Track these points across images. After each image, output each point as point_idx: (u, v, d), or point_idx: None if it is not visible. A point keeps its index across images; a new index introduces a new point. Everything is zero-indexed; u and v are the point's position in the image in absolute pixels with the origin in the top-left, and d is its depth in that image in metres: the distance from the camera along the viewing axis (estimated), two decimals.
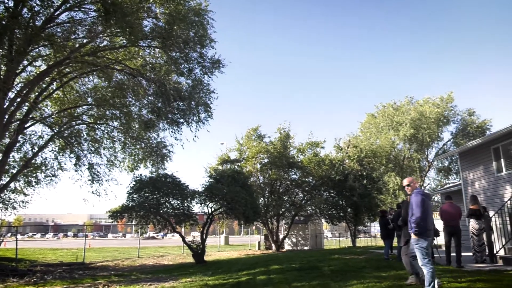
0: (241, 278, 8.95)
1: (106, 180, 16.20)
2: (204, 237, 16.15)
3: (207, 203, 16.25)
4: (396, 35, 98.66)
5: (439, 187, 31.70)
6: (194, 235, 37.60)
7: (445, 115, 32.02)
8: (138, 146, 16.04)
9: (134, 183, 15.02)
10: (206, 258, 16.71)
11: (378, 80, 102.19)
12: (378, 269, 8.97)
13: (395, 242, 11.48)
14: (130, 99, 14.33)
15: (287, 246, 26.04)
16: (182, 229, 18.92)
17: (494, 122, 63.43)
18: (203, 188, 16.27)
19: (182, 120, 14.16)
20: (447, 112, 32.27)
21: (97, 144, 15.83)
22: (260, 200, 22.98)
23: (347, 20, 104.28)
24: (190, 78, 13.72)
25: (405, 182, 6.07)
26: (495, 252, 9.80)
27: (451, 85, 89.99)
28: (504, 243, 9.96)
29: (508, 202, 10.49)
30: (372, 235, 34.90)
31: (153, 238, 59.25)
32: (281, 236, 24.95)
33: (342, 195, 22.93)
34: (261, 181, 23.75)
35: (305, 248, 25.36)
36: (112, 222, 17.67)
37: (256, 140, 23.61)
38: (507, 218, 9.44)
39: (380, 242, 18.27)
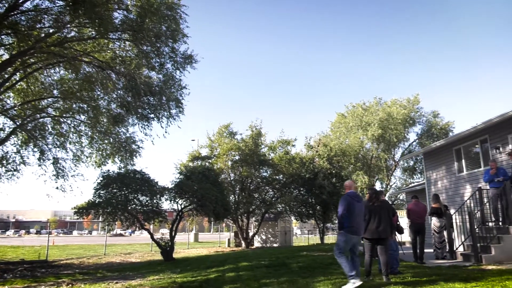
0: (210, 275, 8.92)
1: (71, 176, 15.74)
2: (173, 234, 15.97)
3: (177, 200, 16.07)
4: (368, 36, 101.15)
5: (405, 186, 32.77)
6: (163, 232, 37.12)
7: (411, 117, 33.10)
8: (106, 141, 15.64)
9: (102, 178, 14.65)
10: (175, 255, 16.53)
11: (349, 80, 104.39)
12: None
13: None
14: (99, 93, 13.95)
15: (257, 243, 26.17)
16: (151, 226, 18.63)
17: (457, 124, 66.19)
18: (173, 185, 16.07)
19: (152, 115, 13.92)
20: (413, 113, 33.38)
21: (62, 138, 15.30)
22: (231, 197, 22.95)
23: (320, 21, 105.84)
24: (161, 73, 13.50)
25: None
26: (455, 248, 10.25)
27: (417, 87, 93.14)
28: (463, 240, 10.43)
29: (468, 201, 10.98)
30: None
31: (121, 235, 58.01)
32: (251, 233, 25.03)
33: (312, 193, 23.25)
34: (232, 178, 23.72)
35: (275, 245, 25.56)
36: (77, 218, 17.18)
37: (227, 137, 23.54)
38: (467, 216, 9.88)
39: None
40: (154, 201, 15.44)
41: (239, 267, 10.13)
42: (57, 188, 15.53)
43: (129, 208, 14.80)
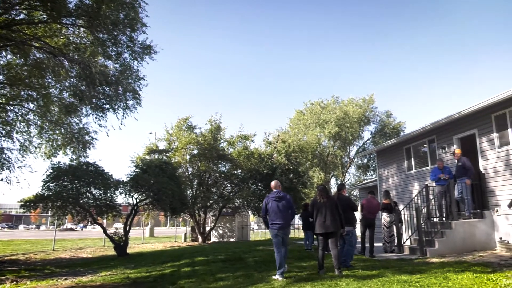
0: (165, 270, 8.81)
1: (18, 167, 14.87)
2: (127, 228, 15.58)
3: (132, 194, 15.67)
4: (329, 36, 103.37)
5: (358, 182, 33.98)
6: (117, 227, 36.06)
7: (366, 116, 34.27)
8: (57, 131, 14.90)
9: (51, 170, 13.98)
10: (129, 250, 16.16)
11: (309, 78, 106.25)
12: (300, 259, 9.41)
13: None
14: (50, 80, 13.24)
15: (214, 238, 26.13)
16: (104, 221, 18.06)
17: (408, 124, 69.50)
18: (128, 178, 15.65)
19: (108, 106, 13.43)
20: (368, 113, 34.58)
21: (8, 127, 14.40)
22: (188, 192, 22.72)
23: (282, 20, 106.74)
24: (118, 63, 13.02)
25: None
26: (402, 242, 10.80)
27: (373, 87, 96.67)
28: (410, 234, 11.01)
29: (416, 198, 11.59)
30: (295, 227, 36.31)
31: (71, 230, 55.59)
32: (208, 228, 24.94)
33: (270, 189, 23.49)
34: (189, 173, 23.47)
35: (232, 239, 25.64)
36: (24, 212, 16.27)
37: (186, 131, 23.23)
38: (414, 212, 10.44)
39: (303, 234, 19.08)
40: (108, 194, 14.98)
41: (195, 262, 10.08)
42: (1, 180, 14.64)
43: (81, 201, 14.26)
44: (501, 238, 9.65)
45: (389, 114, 35.46)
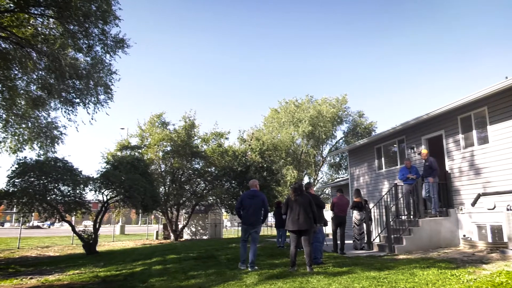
0: (135, 269, 8.68)
1: None
2: (97, 226, 15.23)
3: (102, 191, 15.31)
4: (307, 35, 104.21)
5: (330, 181, 34.54)
6: (86, 224, 35.18)
7: (339, 115, 34.86)
8: (23, 125, 14.34)
9: (17, 166, 13.45)
10: (99, 248, 15.81)
11: (284, 77, 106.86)
12: (272, 256, 9.47)
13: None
14: (16, 72, 12.71)
15: (186, 235, 25.93)
16: (73, 218, 17.58)
17: (380, 124, 71.11)
18: (99, 175, 15.29)
19: (78, 100, 13.04)
20: (341, 112, 35.18)
21: None
22: (161, 189, 22.45)
23: (258, 19, 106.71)
24: (89, 56, 12.65)
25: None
26: (372, 240, 11.07)
27: (345, 87, 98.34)
28: (380, 232, 11.29)
29: (385, 196, 11.90)
30: (268, 225, 36.54)
31: (38, 227, 53.81)
32: (180, 226, 24.72)
33: (243, 186, 23.53)
34: (162, 170, 23.19)
35: (204, 237, 25.53)
36: None
37: (159, 127, 22.92)
38: (383, 210, 10.71)
39: (276, 231, 19.27)
40: (77, 191, 14.56)
41: (167, 259, 9.97)
42: None
43: (48, 198, 13.79)
44: (464, 236, 10.05)
45: (361, 114, 36.22)
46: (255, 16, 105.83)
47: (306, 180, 37.08)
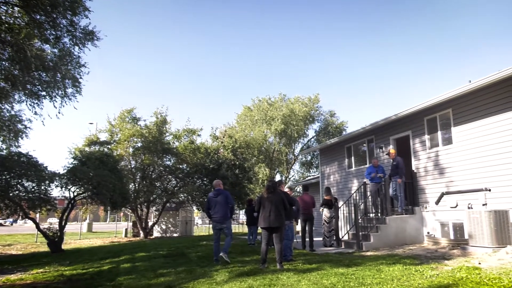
0: (103, 267, 8.49)
1: None
2: (63, 223, 14.76)
3: (69, 187, 14.84)
4: (281, 34, 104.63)
5: (302, 179, 34.96)
6: (52, 222, 34.06)
7: (311, 114, 35.29)
8: None
9: None
10: (65, 246, 15.36)
11: (257, 75, 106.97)
12: (243, 254, 9.50)
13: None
14: None
15: (156, 233, 25.58)
16: (37, 215, 16.97)
17: (350, 124, 72.61)
18: (65, 170, 14.81)
19: (44, 93, 12.58)
20: (313, 111, 35.63)
21: None
22: (131, 186, 22.01)
23: (230, 18, 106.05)
24: (57, 47, 12.20)
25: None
26: (341, 237, 11.30)
27: (317, 86, 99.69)
28: (348, 229, 11.55)
29: (354, 194, 12.17)
30: (240, 222, 36.58)
31: (0, 224, 51.58)
32: (150, 223, 24.35)
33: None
34: (132, 166, 22.74)
35: (175, 235, 25.27)
36: None
37: (130, 123, 22.45)
38: (352, 208, 10.96)
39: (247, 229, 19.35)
40: (42, 187, 14.04)
41: (136, 257, 9.81)
42: None
43: (11, 194, 13.23)
44: (428, 233, 10.44)
45: (332, 113, 36.81)
46: (228, 15, 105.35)
47: (278, 177, 37.37)
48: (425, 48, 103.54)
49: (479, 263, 6.40)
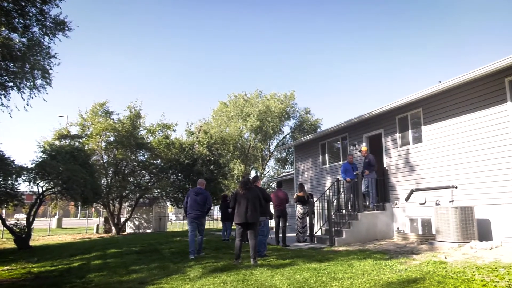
0: (73, 264, 8.30)
1: None
2: (31, 219, 14.31)
3: (37, 182, 14.38)
4: (257, 32, 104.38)
5: (277, 175, 35.18)
6: (19, 217, 32.92)
7: (287, 111, 35.51)
8: None
9: None
10: (32, 243, 14.91)
11: (233, 71, 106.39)
12: (217, 249, 9.50)
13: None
14: None
15: (129, 229, 25.19)
16: (3, 211, 16.37)
17: (325, 121, 73.59)
18: (34, 165, 14.33)
19: (11, 84, 12.08)
20: (289, 108, 35.87)
21: None
22: (103, 181, 21.55)
23: (209, 12, 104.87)
24: (25, 37, 11.74)
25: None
26: (314, 232, 11.47)
27: (293, 84, 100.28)
28: (321, 225, 11.73)
29: (328, 191, 12.36)
30: (215, 218, 36.51)
31: None
32: (123, 219, 23.95)
33: (189, 179, 23.28)
34: (105, 161, 22.25)
35: (148, 231, 24.97)
36: None
37: (102, 116, 21.94)
38: (326, 204, 11.13)
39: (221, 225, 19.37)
40: (9, 182, 13.56)
41: (107, 254, 9.64)
42: None
43: None
44: (398, 228, 10.74)
45: (308, 111, 37.18)
46: (205, 9, 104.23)
47: (253, 174, 37.47)
48: (400, 48, 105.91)
49: (445, 258, 6.65)
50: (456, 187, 8.98)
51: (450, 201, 8.83)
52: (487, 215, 8.41)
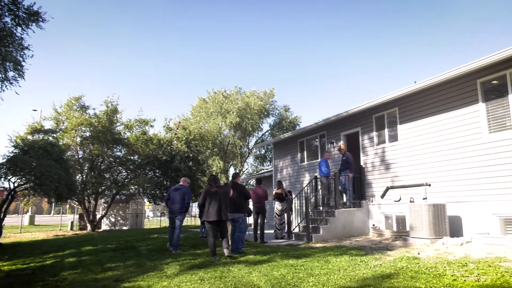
0: (45, 262, 8.09)
1: None
2: (2, 216, 13.84)
3: (8, 177, 13.92)
4: (235, 29, 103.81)
5: (255, 172, 35.27)
6: None
7: (266, 108, 35.63)
8: None
9: None
10: (3, 240, 14.41)
11: (212, 67, 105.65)
12: (194, 246, 9.46)
13: None
14: None
15: (105, 226, 24.74)
16: None
17: (304, 119, 74.13)
18: (5, 160, 13.86)
19: None
20: (268, 105, 36.00)
21: None
22: (78, 177, 21.05)
23: (187, 10, 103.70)
24: None
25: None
26: (292, 229, 11.57)
27: (273, 81, 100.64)
28: (299, 221, 11.84)
29: (306, 188, 12.48)
30: (192, 215, 36.27)
31: None
32: (98, 216, 23.49)
33: (168, 176, 23.03)
34: (80, 156, 21.72)
35: (125, 228, 24.60)
36: None
37: (78, 111, 21.39)
38: (304, 201, 11.24)
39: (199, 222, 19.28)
40: None
41: (82, 251, 9.45)
42: None
43: None
44: (374, 225, 10.97)
45: (287, 108, 37.41)
46: (183, 6, 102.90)
47: (232, 170, 37.43)
48: (378, 47, 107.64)
49: (418, 253, 6.84)
50: (430, 185, 9.24)
51: (424, 199, 9.08)
52: (458, 212, 8.69)
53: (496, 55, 7.61)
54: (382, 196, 10.65)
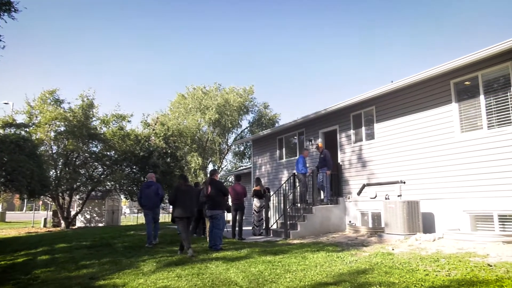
0: (17, 260, 7.86)
1: None
2: None
3: None
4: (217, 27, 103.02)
5: (234, 169, 35.23)
6: None
7: (245, 105, 35.56)
8: None
9: None
10: None
11: (192, 64, 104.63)
12: (172, 243, 9.37)
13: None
14: None
15: (80, 223, 24.24)
16: None
17: (283, 116, 74.45)
18: None
19: None
20: (248, 102, 35.93)
21: None
22: (51, 173, 20.51)
23: (167, 6, 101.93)
24: None
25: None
26: (270, 226, 11.64)
27: (253, 78, 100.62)
28: (277, 218, 11.92)
29: (284, 185, 12.57)
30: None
31: None
32: (73, 212, 22.97)
33: (145, 172, 22.73)
34: (54, 151, 21.16)
35: (100, 224, 24.17)
36: None
37: (52, 105, 20.79)
38: (282, 198, 11.32)
39: None
40: None
41: (56, 249, 9.22)
42: None
43: None
44: (350, 221, 11.16)
45: (266, 105, 37.46)
46: (164, 2, 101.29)
47: (210, 167, 37.25)
48: (361, 46, 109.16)
49: (393, 249, 7.00)
50: (404, 182, 9.46)
51: (399, 196, 9.29)
52: (431, 209, 8.95)
53: (468, 57, 7.86)
54: (359, 193, 10.83)
